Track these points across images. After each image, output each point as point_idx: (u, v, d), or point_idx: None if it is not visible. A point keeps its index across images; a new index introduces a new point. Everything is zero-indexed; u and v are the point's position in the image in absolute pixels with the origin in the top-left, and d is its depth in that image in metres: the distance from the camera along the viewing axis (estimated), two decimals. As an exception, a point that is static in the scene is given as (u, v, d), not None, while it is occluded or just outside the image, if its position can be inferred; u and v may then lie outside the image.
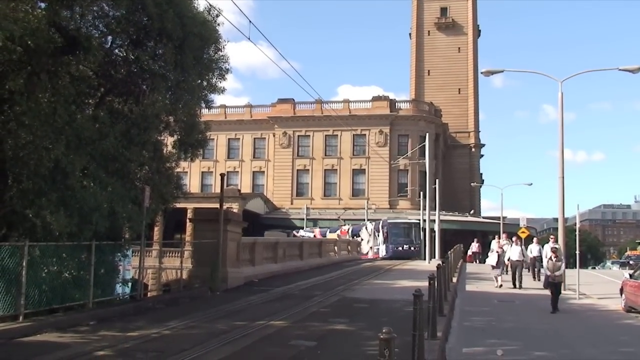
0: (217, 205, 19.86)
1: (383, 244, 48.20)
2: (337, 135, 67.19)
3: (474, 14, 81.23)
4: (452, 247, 30.30)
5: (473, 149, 79.30)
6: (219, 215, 19.25)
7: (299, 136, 68.43)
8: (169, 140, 18.49)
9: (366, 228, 52.77)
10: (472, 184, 70.97)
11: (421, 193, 50.62)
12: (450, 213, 61.56)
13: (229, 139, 71.53)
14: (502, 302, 18.08)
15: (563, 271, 16.87)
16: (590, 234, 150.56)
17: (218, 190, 22.16)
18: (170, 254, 39.78)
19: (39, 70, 13.09)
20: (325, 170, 67.49)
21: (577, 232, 21.16)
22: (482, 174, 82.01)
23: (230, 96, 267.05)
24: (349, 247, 43.64)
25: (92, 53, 13.49)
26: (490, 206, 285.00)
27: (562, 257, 17.19)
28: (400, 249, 46.35)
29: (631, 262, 54.95)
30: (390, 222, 49.80)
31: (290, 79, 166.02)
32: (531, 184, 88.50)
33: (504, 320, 14.60)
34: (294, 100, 68.88)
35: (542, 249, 22.88)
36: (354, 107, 67.89)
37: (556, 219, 24.24)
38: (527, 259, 23.39)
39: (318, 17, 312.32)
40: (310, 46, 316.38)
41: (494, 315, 15.39)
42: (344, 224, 57.98)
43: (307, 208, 63.75)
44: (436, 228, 42.35)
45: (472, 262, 40.24)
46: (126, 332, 11.21)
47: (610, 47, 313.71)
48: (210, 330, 11.63)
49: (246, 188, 66.84)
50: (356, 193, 66.36)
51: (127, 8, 14.59)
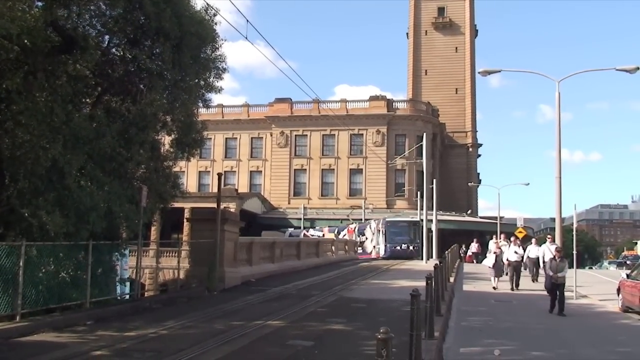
0: (214, 205, 19.86)
1: (382, 244, 47.69)
2: (334, 134, 67.20)
3: (471, 14, 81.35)
4: (449, 247, 30.34)
5: (470, 149, 79.41)
6: (216, 215, 19.23)
7: (296, 136, 68.43)
8: (167, 140, 18.48)
9: (370, 227, 52.07)
10: (469, 183, 71.05)
11: (418, 193, 50.61)
12: (448, 213, 61.61)
13: (226, 138, 71.47)
14: (500, 302, 18.09)
15: (566, 273, 16.10)
16: (587, 234, 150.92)
17: (215, 189, 22.17)
18: (168, 254, 39.59)
19: (36, 70, 13.06)
20: (322, 169, 67.48)
21: (574, 232, 21.16)
22: (479, 173, 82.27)
23: (228, 95, 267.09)
24: (346, 246, 43.63)
25: (89, 52, 13.50)
26: (487, 206, 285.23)
27: (565, 258, 16.66)
28: (398, 248, 45.67)
29: (628, 262, 54.98)
30: (388, 220, 49.42)
31: (287, 78, 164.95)
32: (528, 184, 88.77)
33: (502, 320, 14.61)
34: (291, 99, 68.89)
35: (541, 249, 22.79)
36: (351, 107, 67.90)
37: (553, 219, 24.25)
38: (526, 260, 23.08)
39: (315, 16, 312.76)
40: (307, 45, 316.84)
41: (491, 315, 15.40)
42: (351, 223, 57.49)
43: (305, 208, 63.73)
44: (433, 228, 42.34)
45: (472, 262, 39.98)
46: (123, 332, 11.19)
47: (607, 47, 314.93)
48: (207, 330, 11.62)
49: (243, 188, 66.80)
50: (353, 193, 66.38)
51: (124, 7, 14.54)
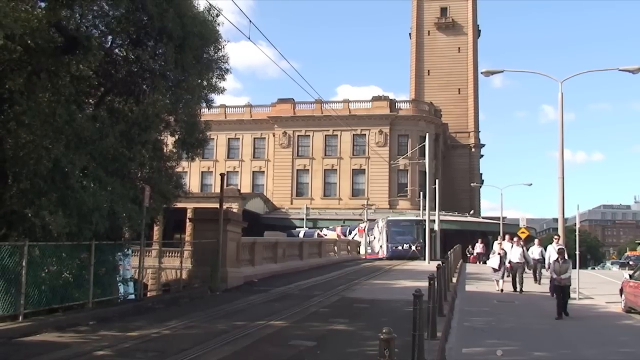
0: (217, 205, 19.86)
1: (384, 243, 46.92)
2: (336, 135, 67.14)
3: (474, 14, 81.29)
4: (451, 247, 30.31)
5: (473, 149, 79.34)
6: (219, 215, 19.25)
7: (298, 136, 68.39)
8: (170, 140, 18.51)
9: (377, 226, 51.08)
10: (471, 184, 70.96)
11: (421, 193, 50.54)
12: (450, 213, 61.54)
13: (228, 138, 71.48)
14: (502, 303, 18.07)
15: (570, 274, 15.69)
16: (590, 234, 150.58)
17: (218, 190, 22.16)
18: (170, 254, 39.78)
19: (39, 70, 13.10)
20: (325, 170, 67.44)
21: (577, 233, 21.12)
22: (481, 174, 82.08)
23: (230, 96, 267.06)
24: (348, 247, 43.62)
25: (92, 52, 13.52)
26: (490, 206, 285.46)
27: (568, 259, 16.28)
28: (400, 248, 44.63)
29: (631, 262, 54.85)
30: (390, 219, 48.74)
31: (290, 79, 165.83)
32: (531, 184, 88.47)
33: (504, 320, 14.59)
34: (293, 100, 68.86)
35: (544, 250, 22.63)
36: (354, 107, 67.83)
37: (556, 220, 24.17)
38: (530, 261, 22.67)
39: (317, 16, 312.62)
40: (309, 45, 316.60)
41: (493, 315, 15.38)
42: (362, 222, 56.30)
43: (307, 208, 63.69)
44: (436, 228, 42.24)
45: (476, 262, 39.54)
46: (126, 332, 11.20)
47: (610, 47, 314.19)
48: (210, 330, 11.63)
49: (246, 188, 66.82)
50: (356, 193, 66.31)
51: (127, 7, 14.58)
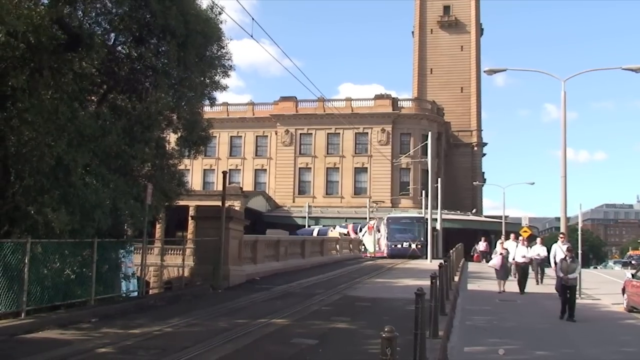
0: (219, 203, 19.88)
1: (384, 241, 45.79)
2: (339, 133, 67.13)
3: (477, 12, 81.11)
4: (454, 246, 30.27)
5: (475, 148, 79.22)
6: (221, 213, 19.25)
7: (301, 134, 68.41)
8: (172, 138, 18.52)
9: (383, 223, 49.20)
10: (474, 182, 70.90)
11: (423, 192, 50.45)
12: (452, 212, 61.53)
13: (231, 136, 71.49)
14: (504, 302, 18.06)
15: (578, 273, 15.17)
16: (592, 233, 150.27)
17: (220, 188, 22.19)
18: (172, 252, 39.84)
19: (41, 67, 13.10)
20: (327, 168, 67.43)
21: (579, 232, 21.10)
22: (484, 172, 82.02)
23: (233, 94, 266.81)
24: (350, 245, 43.62)
25: (94, 50, 13.54)
26: (492, 205, 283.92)
27: (577, 259, 15.75)
28: (399, 246, 43.29)
29: (633, 261, 54.89)
30: (389, 216, 47.64)
31: (292, 77, 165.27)
32: (533, 183, 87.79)
33: (506, 319, 14.59)
34: (296, 98, 68.85)
35: (553, 249, 22.32)
36: (356, 106, 67.79)
37: (558, 219, 24.06)
38: (539, 260, 22.33)
39: (319, 14, 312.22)
40: (311, 43, 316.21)
41: (495, 314, 15.38)
42: (373, 219, 55.32)
43: (309, 206, 63.70)
44: (438, 227, 42.08)
45: (479, 261, 39.40)
46: (128, 330, 11.22)
47: (613, 45, 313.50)
48: (212, 328, 11.64)
49: (248, 186, 66.84)
50: (358, 191, 66.29)
51: (130, 5, 14.59)
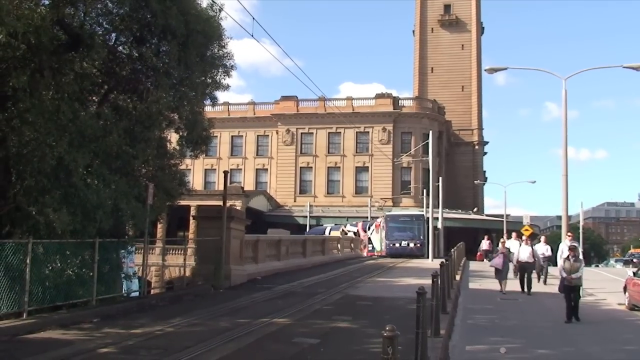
0: (220, 203, 19.90)
1: (383, 240, 44.80)
2: (340, 132, 67.14)
3: (478, 11, 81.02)
4: (455, 245, 30.27)
5: (476, 147, 79.15)
6: (222, 213, 19.26)
7: (302, 133, 68.40)
8: (173, 137, 18.52)
9: (383, 221, 48.22)
10: (475, 181, 70.92)
11: (424, 190, 50.38)
12: (454, 211, 61.53)
13: (232, 136, 71.49)
14: (506, 300, 18.04)
15: (582, 273, 14.74)
16: (593, 231, 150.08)
17: (221, 187, 22.19)
18: (174, 252, 39.85)
19: (42, 67, 13.10)
20: (328, 167, 67.43)
21: (580, 230, 21.07)
22: (485, 171, 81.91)
23: (234, 93, 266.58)
24: (352, 244, 43.61)
25: (95, 50, 13.53)
26: (493, 204, 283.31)
27: (581, 257, 15.32)
28: (398, 245, 42.21)
29: (635, 260, 54.80)
30: (388, 214, 46.93)
31: (293, 76, 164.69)
32: (534, 181, 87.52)
33: (508, 318, 14.57)
34: (297, 97, 68.84)
35: (559, 247, 22.08)
36: (357, 105, 67.76)
37: (559, 217, 24.04)
38: (541, 261, 21.98)
39: (320, 13, 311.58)
40: (312, 42, 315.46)
41: (497, 313, 15.37)
42: (379, 217, 54.92)
43: (310, 205, 63.72)
44: (439, 225, 41.96)
45: (482, 260, 39.12)
46: (129, 330, 11.24)
47: (614, 44, 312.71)
48: (213, 328, 11.66)
49: (249, 185, 66.87)
50: (359, 190, 66.29)
51: (130, 5, 14.59)
